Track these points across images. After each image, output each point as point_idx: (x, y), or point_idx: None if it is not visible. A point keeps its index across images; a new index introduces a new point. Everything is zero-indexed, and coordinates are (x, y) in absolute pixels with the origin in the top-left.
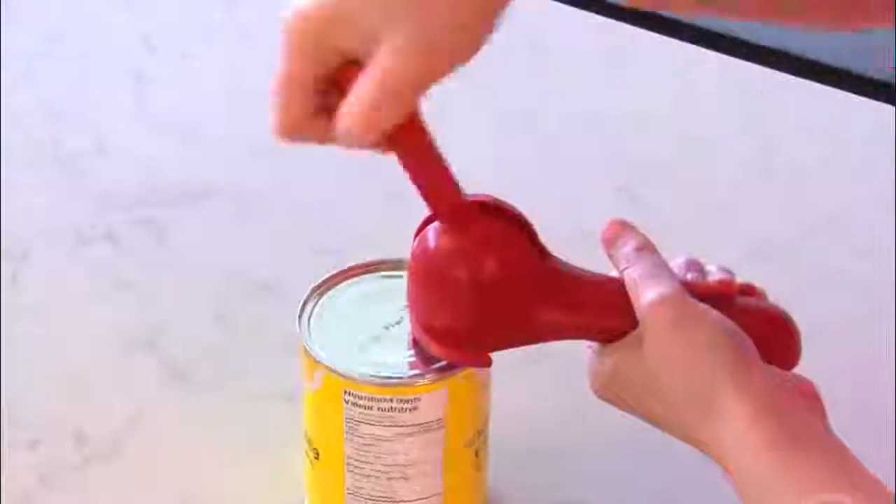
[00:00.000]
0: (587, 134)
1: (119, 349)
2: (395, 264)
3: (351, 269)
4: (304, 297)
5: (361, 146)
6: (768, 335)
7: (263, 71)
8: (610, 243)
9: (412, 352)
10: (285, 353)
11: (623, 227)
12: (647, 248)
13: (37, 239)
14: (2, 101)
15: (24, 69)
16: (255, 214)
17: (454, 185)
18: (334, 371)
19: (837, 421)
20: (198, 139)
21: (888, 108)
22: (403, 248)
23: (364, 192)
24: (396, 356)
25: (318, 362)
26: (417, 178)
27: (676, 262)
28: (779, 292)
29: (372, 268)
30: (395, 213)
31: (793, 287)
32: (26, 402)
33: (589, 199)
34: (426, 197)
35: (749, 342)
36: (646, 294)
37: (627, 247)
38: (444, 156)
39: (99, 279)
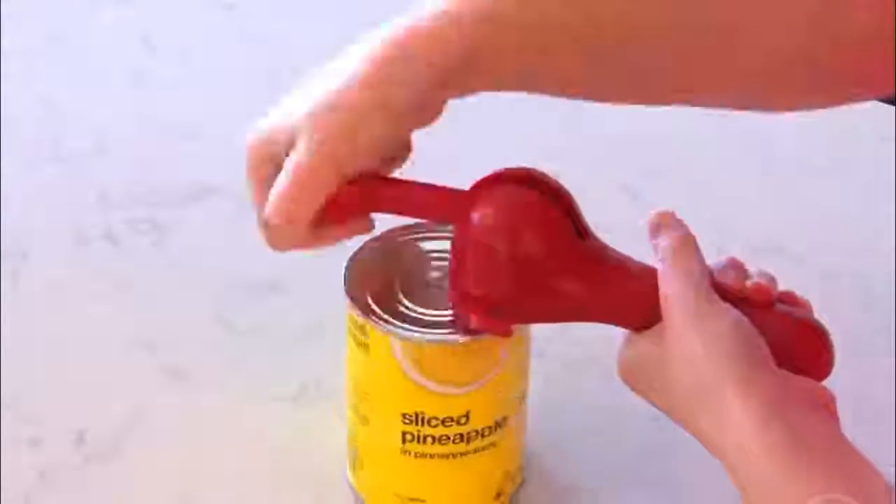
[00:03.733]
0: (589, 132)
1: (119, 349)
2: (437, 228)
3: (394, 230)
4: (348, 260)
5: (294, 235)
6: (798, 345)
7: (263, 71)
8: (653, 233)
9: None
10: (286, 352)
11: (666, 219)
12: (686, 241)
13: (37, 239)
14: (2, 101)
15: (24, 69)
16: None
17: (439, 194)
18: (390, 331)
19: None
20: (198, 139)
21: (888, 108)
22: None
23: None
24: (439, 314)
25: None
26: (407, 214)
27: (718, 261)
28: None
29: (414, 230)
30: None
31: (792, 286)
32: (27, 401)
33: (592, 197)
34: (431, 217)
35: (763, 346)
36: (668, 286)
37: (666, 239)
38: (409, 180)
39: (99, 279)
